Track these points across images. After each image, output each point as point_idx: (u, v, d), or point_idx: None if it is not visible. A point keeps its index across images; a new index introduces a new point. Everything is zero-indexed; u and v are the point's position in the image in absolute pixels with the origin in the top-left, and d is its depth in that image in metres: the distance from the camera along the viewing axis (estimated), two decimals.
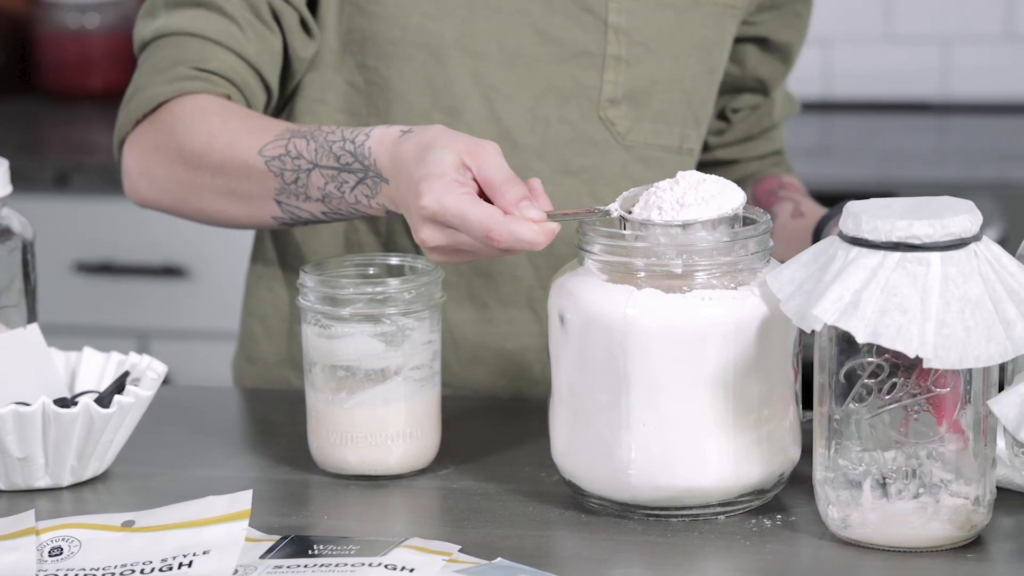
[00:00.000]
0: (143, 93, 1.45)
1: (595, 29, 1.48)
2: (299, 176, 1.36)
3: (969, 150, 2.67)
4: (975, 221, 1.17)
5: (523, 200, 1.24)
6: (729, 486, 1.23)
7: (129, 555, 1.16)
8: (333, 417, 1.31)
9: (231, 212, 1.42)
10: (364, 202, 1.34)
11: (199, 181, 1.42)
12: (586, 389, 1.24)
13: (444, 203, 1.23)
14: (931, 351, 1.13)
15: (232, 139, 1.39)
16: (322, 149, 1.34)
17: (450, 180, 1.24)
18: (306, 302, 1.31)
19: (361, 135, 1.33)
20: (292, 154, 1.36)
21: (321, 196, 1.36)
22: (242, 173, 1.39)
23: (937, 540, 1.18)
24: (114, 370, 1.36)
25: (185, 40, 1.45)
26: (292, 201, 1.37)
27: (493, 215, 1.23)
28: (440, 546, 1.17)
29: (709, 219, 1.22)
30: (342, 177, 1.33)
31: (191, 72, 1.44)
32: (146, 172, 1.45)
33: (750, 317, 1.22)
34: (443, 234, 1.25)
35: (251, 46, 1.45)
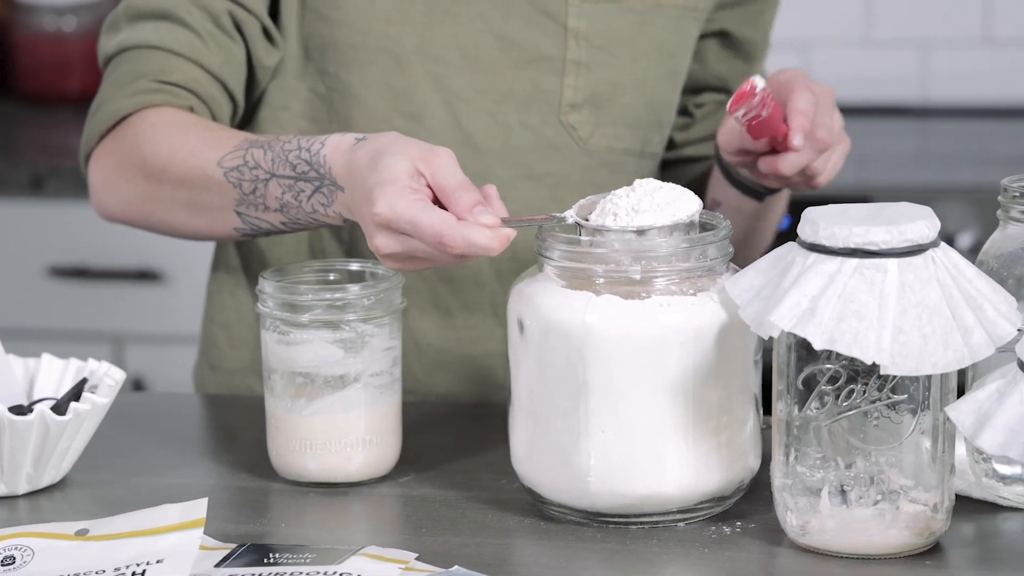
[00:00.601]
0: (106, 108, 1.46)
1: (555, 34, 1.48)
2: (257, 186, 1.35)
3: (948, 154, 2.67)
4: (933, 227, 1.16)
5: (477, 206, 1.23)
6: (688, 493, 1.22)
7: (83, 564, 1.15)
8: (292, 424, 1.30)
9: (194, 225, 1.42)
10: (321, 211, 1.33)
11: (162, 194, 1.42)
12: (545, 396, 1.23)
13: (396, 209, 1.23)
14: (888, 358, 1.13)
15: (192, 151, 1.39)
16: (279, 158, 1.34)
17: (403, 186, 1.24)
18: (265, 308, 1.31)
19: (316, 143, 1.33)
20: (250, 164, 1.35)
21: (279, 206, 1.35)
22: (202, 185, 1.39)
23: (896, 547, 1.17)
24: (72, 377, 1.35)
25: (147, 53, 1.45)
26: (252, 212, 1.37)
27: (446, 220, 1.22)
28: (397, 554, 1.17)
29: (664, 225, 1.21)
30: (299, 186, 1.33)
31: (153, 85, 1.44)
32: (111, 186, 1.46)
33: (709, 323, 1.21)
34: (397, 241, 1.24)
35: (214, 57, 1.45)
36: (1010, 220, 1.24)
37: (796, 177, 1.42)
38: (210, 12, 1.45)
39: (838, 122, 1.41)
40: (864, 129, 2.78)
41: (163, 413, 1.50)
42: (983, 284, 1.17)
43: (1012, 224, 1.24)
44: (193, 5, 1.45)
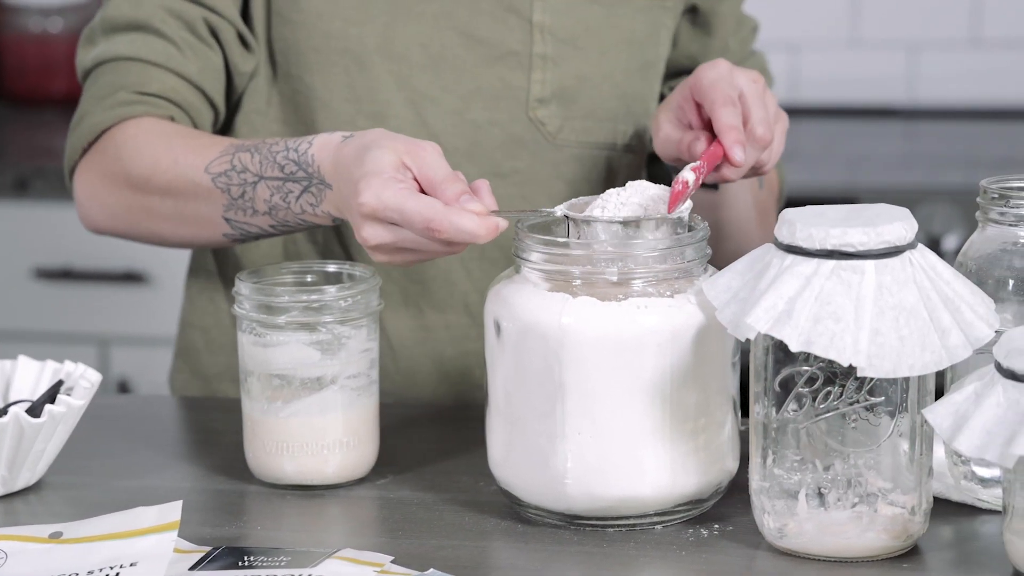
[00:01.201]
0: (87, 121, 1.46)
1: (520, 29, 1.48)
2: (245, 190, 1.35)
3: (935, 155, 2.67)
4: (910, 229, 1.16)
5: (464, 194, 1.23)
6: (666, 496, 1.22)
7: (56, 567, 1.15)
8: (269, 426, 1.30)
9: (181, 233, 1.42)
10: (310, 211, 1.33)
11: (148, 205, 1.42)
12: (522, 398, 1.23)
13: (383, 198, 1.23)
14: (865, 360, 1.13)
15: (177, 159, 1.39)
16: (266, 160, 1.34)
17: (388, 177, 1.23)
18: (241, 310, 1.30)
19: (304, 143, 1.33)
20: (238, 168, 1.35)
21: (268, 208, 1.35)
22: (190, 192, 1.38)
23: (873, 550, 1.17)
24: (49, 379, 1.35)
25: (125, 65, 1.45)
26: (240, 217, 1.37)
27: (433, 206, 1.22)
28: (372, 557, 1.16)
29: (651, 219, 1.21)
30: (287, 187, 1.33)
31: (133, 97, 1.44)
32: (96, 199, 1.46)
33: (687, 325, 1.21)
34: (385, 231, 1.24)
35: (191, 65, 1.45)
36: (989, 222, 1.24)
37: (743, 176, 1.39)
38: (185, 20, 1.45)
39: (772, 104, 1.37)
40: (852, 130, 2.78)
41: (141, 416, 1.49)
42: (960, 286, 1.17)
43: (991, 226, 1.24)
44: (168, 14, 1.45)
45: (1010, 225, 1.23)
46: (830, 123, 2.82)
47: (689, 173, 1.26)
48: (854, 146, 2.71)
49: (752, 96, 1.35)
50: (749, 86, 1.35)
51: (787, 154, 1.65)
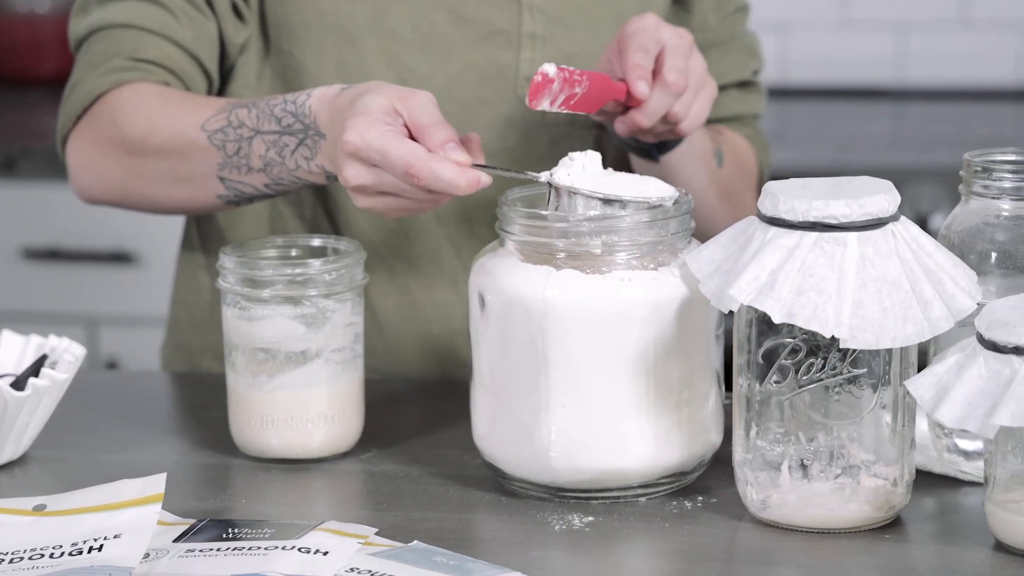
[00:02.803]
0: (81, 88, 1.45)
1: (509, 8, 1.48)
2: (241, 146, 1.35)
3: (924, 136, 2.67)
4: (893, 201, 1.16)
5: (449, 142, 1.23)
6: (650, 468, 1.22)
7: (39, 539, 1.15)
8: (254, 400, 1.30)
9: (176, 196, 1.42)
10: (304, 165, 1.33)
11: (142, 167, 1.41)
12: (506, 371, 1.23)
13: (367, 138, 1.23)
14: (847, 331, 1.13)
15: (173, 119, 1.39)
16: (264, 114, 1.34)
17: (376, 119, 1.24)
18: (225, 284, 1.30)
19: (303, 95, 1.33)
20: (234, 124, 1.35)
21: (263, 164, 1.35)
22: (185, 152, 1.38)
23: (856, 521, 1.17)
24: (33, 353, 1.35)
25: (119, 32, 1.45)
26: (235, 175, 1.37)
27: (415, 151, 1.22)
28: (356, 529, 1.16)
29: (633, 200, 1.21)
30: (283, 141, 1.33)
31: (127, 63, 1.44)
32: (90, 166, 1.45)
33: (670, 298, 1.21)
34: (366, 171, 1.24)
35: (186, 33, 1.45)
36: (972, 195, 1.24)
37: (659, 126, 1.37)
38: None
39: (699, 65, 1.36)
40: (841, 111, 2.78)
41: (127, 391, 1.49)
42: (943, 258, 1.17)
43: (974, 199, 1.24)
44: None
45: (993, 198, 1.23)
46: (819, 104, 2.82)
47: (550, 66, 1.23)
48: (843, 127, 2.71)
49: (673, 47, 1.34)
50: (673, 39, 1.35)
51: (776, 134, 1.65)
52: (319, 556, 1.12)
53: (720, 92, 1.58)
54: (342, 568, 1.11)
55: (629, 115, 1.34)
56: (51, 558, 1.13)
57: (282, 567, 1.11)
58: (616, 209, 1.21)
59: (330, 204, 1.51)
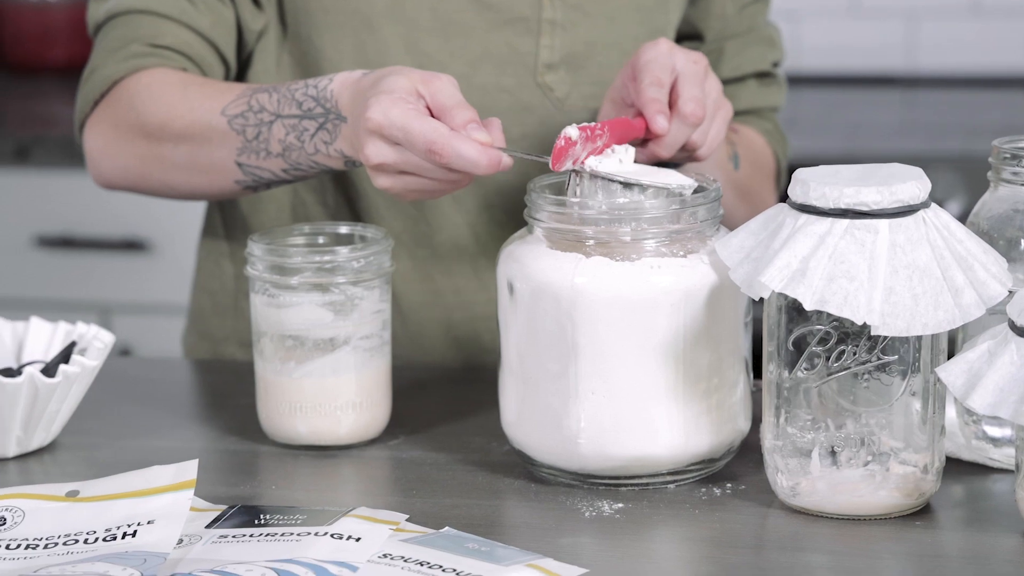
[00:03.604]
0: (99, 74, 1.46)
1: None
2: (261, 130, 1.35)
3: (934, 123, 2.67)
4: (924, 188, 1.16)
5: (471, 123, 1.23)
6: (679, 455, 1.22)
7: (73, 525, 1.15)
8: (282, 387, 1.30)
9: (194, 182, 1.42)
10: (323, 150, 1.33)
11: (161, 153, 1.41)
12: (535, 358, 1.23)
13: (389, 115, 1.23)
14: (879, 318, 1.13)
15: (193, 105, 1.39)
16: (284, 99, 1.34)
17: (398, 97, 1.24)
18: (254, 271, 1.30)
19: (324, 80, 1.33)
20: (255, 108, 1.36)
21: (282, 149, 1.35)
22: (204, 137, 1.38)
23: (886, 508, 1.17)
24: (61, 340, 1.35)
25: (137, 18, 1.45)
26: (253, 160, 1.37)
27: (438, 129, 1.22)
28: (387, 515, 1.17)
29: (653, 186, 1.21)
30: (303, 125, 1.33)
31: (145, 49, 1.44)
32: (108, 151, 1.45)
33: (699, 285, 1.21)
34: (389, 149, 1.24)
35: (204, 19, 1.45)
36: (1001, 181, 1.24)
37: (678, 154, 1.37)
38: None
39: (714, 89, 1.36)
40: (851, 99, 2.78)
41: (151, 378, 1.50)
42: (974, 245, 1.17)
43: (1003, 186, 1.24)
44: None
45: (1022, 184, 1.23)
46: (830, 91, 2.82)
47: (573, 129, 1.24)
48: (853, 114, 2.71)
49: (688, 75, 1.33)
50: (687, 66, 1.34)
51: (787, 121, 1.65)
52: (352, 542, 1.12)
53: (738, 84, 1.59)
54: (375, 554, 1.11)
55: (648, 147, 1.33)
56: (85, 543, 1.13)
57: (314, 553, 1.11)
58: (636, 194, 1.21)
59: (351, 192, 1.51)
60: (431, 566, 1.09)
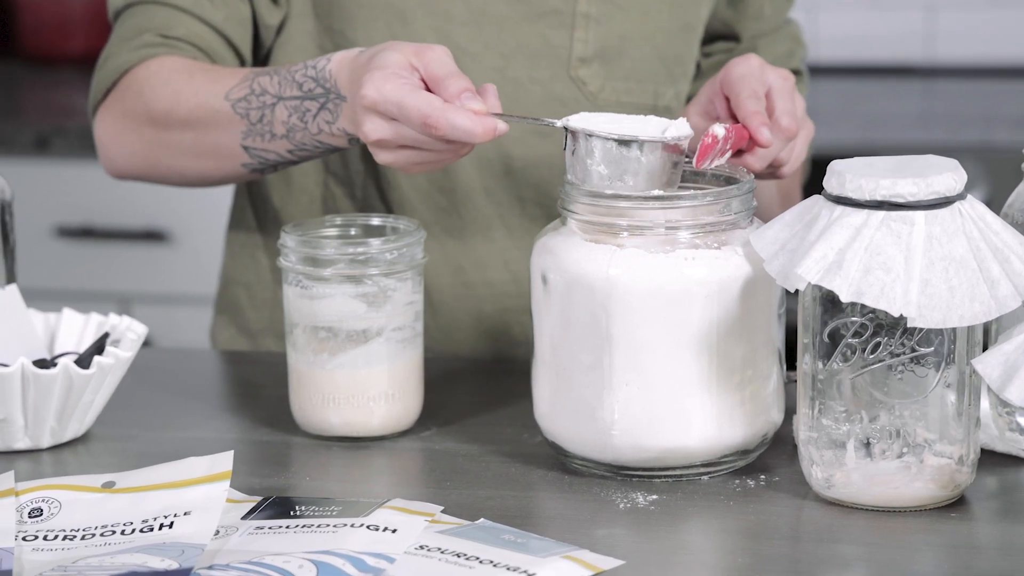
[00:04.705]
0: (111, 62, 1.47)
1: None
2: (264, 113, 1.36)
3: (953, 114, 2.67)
4: (960, 179, 1.16)
5: (465, 92, 1.24)
6: (712, 446, 1.22)
7: (109, 516, 1.15)
8: (315, 379, 1.30)
9: (201, 168, 1.43)
10: (327, 129, 1.34)
11: (169, 139, 1.42)
12: (569, 350, 1.23)
13: (383, 91, 1.24)
14: (915, 310, 1.13)
15: (198, 90, 1.40)
16: (285, 81, 1.35)
17: (392, 72, 1.25)
18: (287, 263, 1.30)
19: (323, 60, 1.34)
20: (257, 91, 1.37)
21: (286, 131, 1.36)
22: (210, 121, 1.39)
23: (921, 500, 1.17)
24: (94, 331, 1.35)
25: (152, 8, 1.47)
26: (258, 143, 1.38)
27: (432, 102, 1.23)
28: (422, 507, 1.17)
29: (649, 140, 1.22)
30: (305, 106, 1.34)
31: (157, 39, 1.46)
32: (117, 139, 1.47)
33: (734, 277, 1.21)
34: (385, 125, 1.25)
35: (217, 13, 1.47)
36: None
37: (764, 170, 1.37)
38: None
39: (800, 107, 1.37)
40: (870, 89, 2.78)
41: (181, 369, 1.50)
42: (1009, 237, 1.17)
43: None
44: None
45: None
46: (848, 82, 2.82)
47: (720, 128, 1.26)
48: (872, 105, 2.70)
49: (780, 90, 1.34)
50: (778, 82, 1.35)
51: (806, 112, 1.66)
52: (388, 534, 1.13)
53: None
54: (412, 546, 1.11)
55: (743, 159, 1.33)
56: (122, 535, 1.13)
57: (351, 544, 1.11)
58: (634, 151, 1.22)
59: (382, 183, 1.51)
60: (468, 558, 1.10)
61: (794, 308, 1.20)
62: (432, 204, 1.50)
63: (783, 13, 1.60)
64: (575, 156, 1.23)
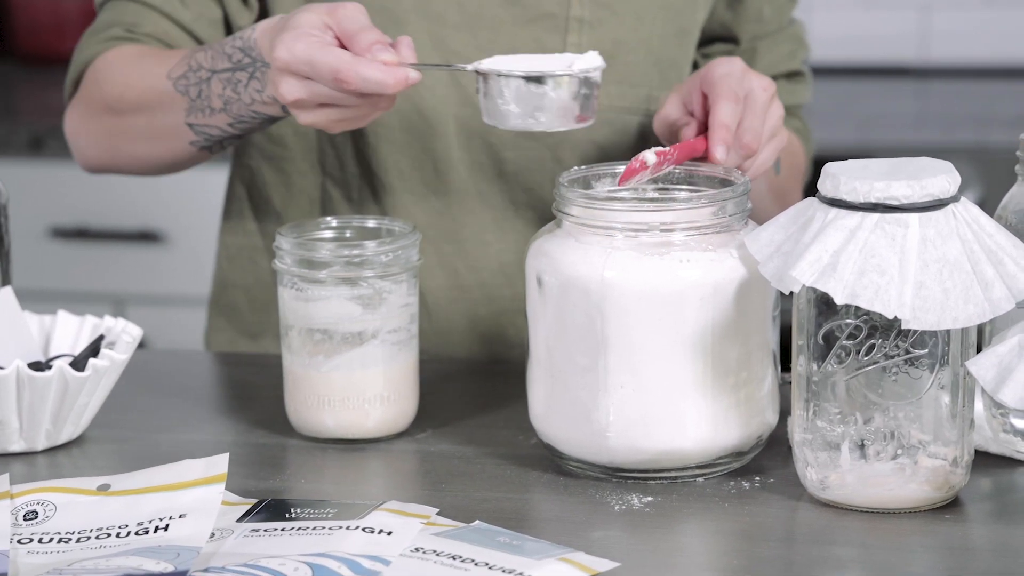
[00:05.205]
0: (78, 56, 1.50)
1: None
2: (201, 88, 1.38)
3: (948, 114, 2.67)
4: (953, 182, 1.16)
5: (376, 44, 1.25)
6: (707, 448, 1.23)
7: (105, 519, 1.15)
8: (310, 381, 1.30)
9: (155, 151, 1.45)
10: (258, 99, 1.35)
11: (123, 126, 1.45)
12: (564, 352, 1.23)
13: (294, 51, 1.26)
14: (909, 312, 1.13)
15: (144, 74, 1.42)
16: (218, 54, 1.37)
17: (303, 32, 1.26)
18: (282, 265, 1.31)
19: (249, 30, 1.36)
20: (194, 68, 1.38)
21: (223, 104, 1.37)
22: (156, 103, 1.41)
23: (915, 501, 1.18)
24: (89, 333, 1.35)
25: (124, 5, 1.49)
26: (201, 119, 1.39)
27: (341, 57, 1.25)
28: (418, 509, 1.17)
29: (557, 74, 1.23)
30: (236, 77, 1.35)
31: (123, 33, 1.48)
32: (82, 130, 1.50)
33: (728, 279, 1.21)
34: (300, 84, 1.27)
35: (187, 13, 1.48)
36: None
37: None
38: None
39: (774, 116, 1.35)
40: (864, 90, 2.78)
41: (177, 371, 1.50)
42: (1003, 239, 1.17)
43: None
44: None
45: None
46: (842, 82, 2.82)
47: (651, 155, 1.25)
48: (866, 105, 2.71)
49: (755, 103, 1.33)
50: (758, 92, 1.34)
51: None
52: (383, 536, 1.13)
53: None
54: (407, 548, 1.11)
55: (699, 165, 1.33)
56: (118, 537, 1.13)
57: (347, 547, 1.11)
58: (542, 87, 1.23)
59: (376, 185, 1.51)
60: (463, 560, 1.10)
61: (788, 310, 1.21)
62: (426, 206, 1.50)
63: (785, 15, 1.59)
64: (488, 98, 1.25)
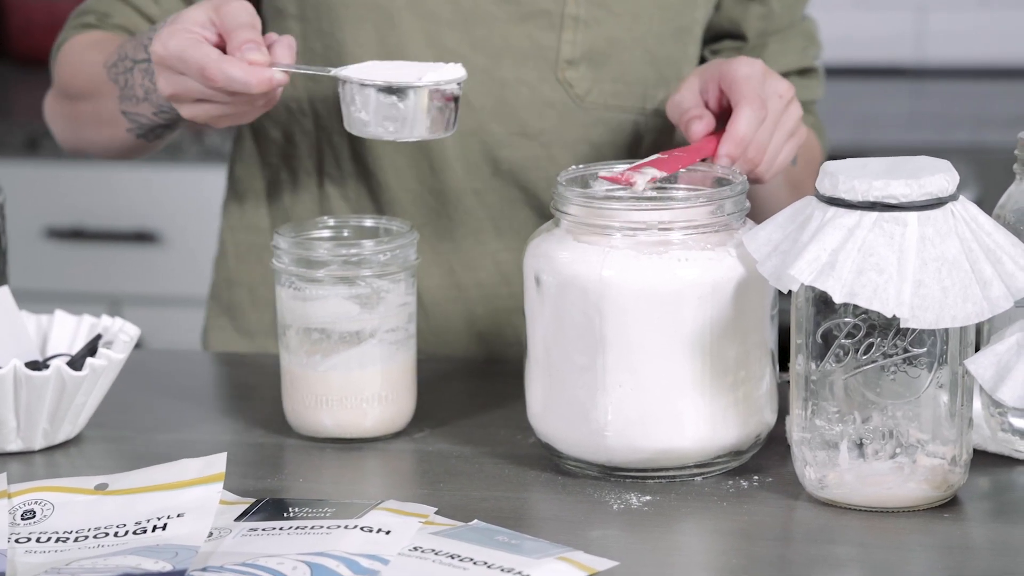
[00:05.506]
0: (57, 40, 1.53)
1: None
2: (128, 78, 1.40)
3: (944, 114, 2.67)
4: (952, 180, 1.16)
5: (248, 43, 1.26)
6: (706, 447, 1.23)
7: (103, 518, 1.15)
8: (308, 380, 1.30)
9: (103, 137, 1.47)
10: None
11: (77, 111, 1.48)
12: (562, 351, 1.23)
13: (168, 46, 1.27)
14: (908, 311, 1.13)
15: (90, 61, 1.44)
16: (138, 45, 1.39)
17: (181, 28, 1.28)
18: (280, 264, 1.30)
19: (162, 23, 1.36)
20: (122, 56, 1.40)
21: (144, 94, 1.39)
22: (96, 91, 1.43)
23: (914, 500, 1.18)
24: (86, 333, 1.35)
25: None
26: (130, 108, 1.41)
27: (208, 54, 1.26)
28: (416, 508, 1.17)
29: (405, 85, 1.24)
30: (151, 68, 1.37)
31: (94, 21, 1.50)
32: (52, 114, 1.53)
33: (727, 278, 1.21)
34: (175, 79, 1.29)
35: (156, 8, 1.50)
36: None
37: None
38: None
39: (791, 119, 1.34)
40: (860, 90, 2.78)
41: (175, 370, 1.50)
42: (1002, 237, 1.17)
43: None
44: None
45: None
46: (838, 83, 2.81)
47: (642, 181, 1.24)
48: (862, 106, 2.71)
49: (769, 112, 1.32)
50: (774, 100, 1.33)
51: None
52: (382, 535, 1.13)
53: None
54: (406, 547, 1.11)
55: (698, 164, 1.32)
56: (115, 536, 1.13)
57: (345, 546, 1.11)
58: (391, 97, 1.24)
59: (373, 184, 1.51)
60: (462, 559, 1.10)
61: (787, 309, 1.21)
62: (422, 206, 1.50)
63: (796, 11, 1.57)
64: (344, 104, 1.26)
